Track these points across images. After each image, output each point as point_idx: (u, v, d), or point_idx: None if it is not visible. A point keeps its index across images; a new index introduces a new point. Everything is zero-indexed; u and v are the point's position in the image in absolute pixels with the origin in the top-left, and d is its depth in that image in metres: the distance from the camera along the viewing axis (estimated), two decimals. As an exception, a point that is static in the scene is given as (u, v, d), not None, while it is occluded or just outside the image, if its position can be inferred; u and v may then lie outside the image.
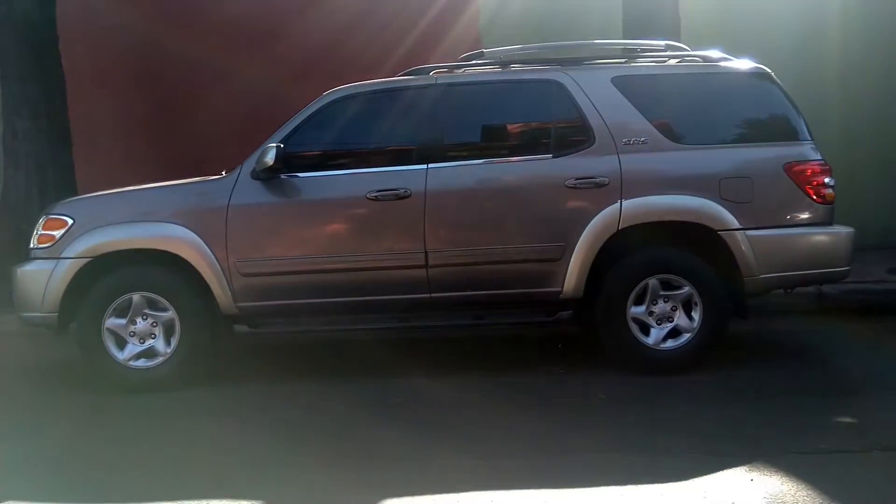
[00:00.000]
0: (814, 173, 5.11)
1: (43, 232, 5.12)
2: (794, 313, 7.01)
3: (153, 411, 4.70)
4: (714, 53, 5.48)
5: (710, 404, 4.47)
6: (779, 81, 5.32)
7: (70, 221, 5.09)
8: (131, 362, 5.05)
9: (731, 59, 5.46)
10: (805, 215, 5.14)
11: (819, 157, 5.17)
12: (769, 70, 5.35)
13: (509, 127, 5.38)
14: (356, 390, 4.96)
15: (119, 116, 9.41)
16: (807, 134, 5.24)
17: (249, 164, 5.09)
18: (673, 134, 5.16)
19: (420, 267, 5.03)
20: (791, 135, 5.24)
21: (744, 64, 5.39)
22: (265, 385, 5.15)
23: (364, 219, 5.09)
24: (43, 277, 5.03)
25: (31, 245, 5.16)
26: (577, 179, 5.05)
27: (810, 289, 7.23)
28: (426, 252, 5.02)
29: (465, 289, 5.08)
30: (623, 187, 5.05)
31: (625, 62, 5.44)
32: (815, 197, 5.11)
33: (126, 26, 9.53)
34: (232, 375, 5.38)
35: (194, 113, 9.39)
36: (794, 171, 5.09)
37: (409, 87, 5.30)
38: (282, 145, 4.97)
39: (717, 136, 5.26)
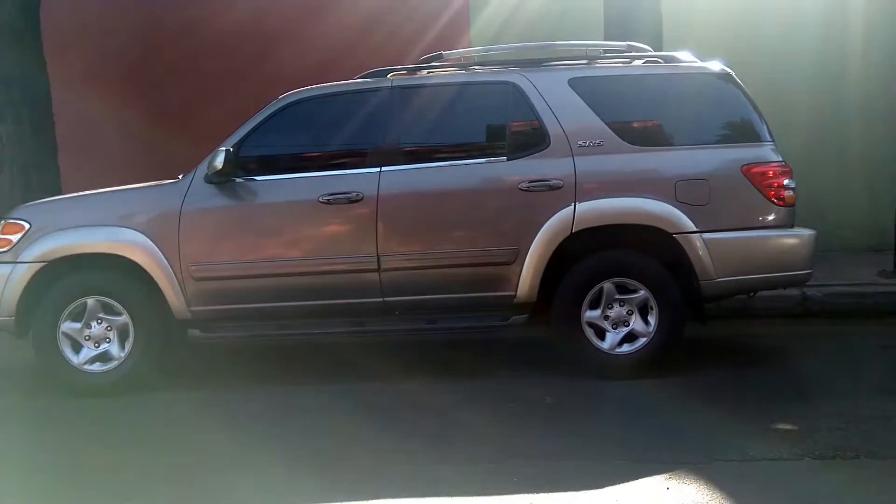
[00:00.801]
0: (772, 175, 5.01)
1: (1, 236, 5.16)
2: (779, 317, 6.91)
3: (100, 415, 4.72)
4: (681, 55, 5.40)
5: (653, 410, 4.41)
6: (740, 82, 5.23)
7: (27, 226, 5.14)
8: (86, 366, 5.08)
9: (694, 61, 5.39)
10: (764, 218, 5.05)
11: (778, 159, 5.08)
12: (731, 71, 5.26)
13: (464, 129, 5.34)
14: (303, 395, 4.93)
15: (108, 121, 9.49)
16: (767, 135, 5.15)
17: (203, 169, 5.10)
18: (629, 136, 5.09)
19: (372, 271, 5.01)
20: (751, 136, 5.16)
21: (705, 65, 5.31)
22: (215, 390, 5.16)
23: (316, 223, 5.08)
24: (0, 282, 5.07)
25: (-9, 249, 5.21)
26: (530, 182, 5.00)
27: (795, 292, 7.14)
28: (378, 256, 5.00)
29: (418, 293, 5.05)
30: (577, 190, 4.99)
31: (585, 64, 5.37)
32: (773, 199, 5.01)
33: (115, 31, 9.63)
34: (185, 380, 5.37)
35: (185, 117, 9.44)
36: (752, 174, 5.00)
37: (363, 90, 5.28)
38: (230, 149, 4.98)
39: (674, 137, 5.19)
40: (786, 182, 5.04)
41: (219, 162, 4.92)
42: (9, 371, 5.91)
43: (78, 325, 5.08)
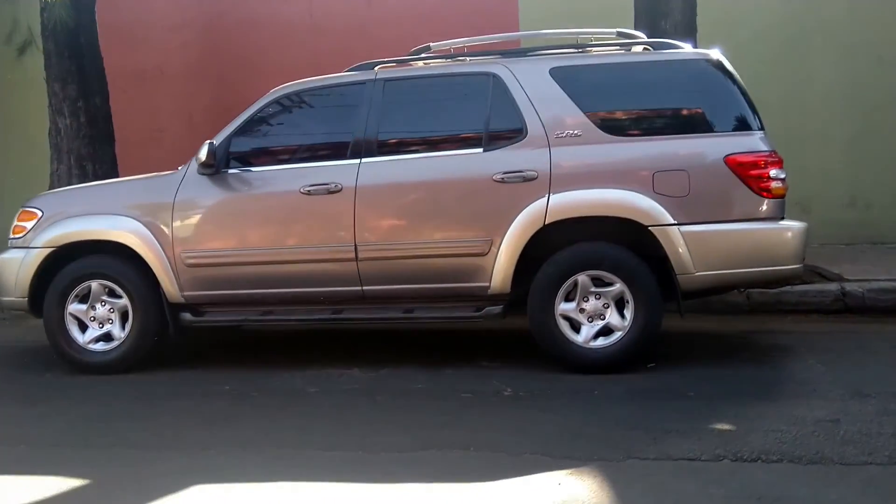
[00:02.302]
0: (758, 165, 4.82)
1: (17, 223, 5.58)
2: (814, 312, 6.65)
3: (86, 390, 5.05)
4: (674, 42, 5.26)
5: (606, 405, 4.34)
6: (730, 69, 5.05)
7: (39, 213, 5.53)
8: (90, 345, 5.43)
9: (683, 48, 5.23)
10: (748, 210, 4.86)
11: (766, 149, 4.87)
12: (720, 58, 5.07)
13: (444, 121, 5.36)
14: (274, 379, 5.10)
15: (169, 115, 9.98)
16: (755, 124, 4.95)
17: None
18: (609, 126, 5.01)
19: (350, 260, 5.12)
20: (737, 125, 4.98)
21: (692, 52, 5.16)
22: (200, 370, 5.41)
23: (298, 213, 5.24)
24: (15, 265, 5.48)
25: (10, 235, 5.62)
26: (504, 173, 4.99)
27: (833, 287, 6.83)
28: (356, 246, 5.11)
29: (394, 282, 5.14)
30: (552, 181, 4.94)
31: (570, 53, 5.30)
32: (758, 190, 4.82)
33: (179, 27, 10.11)
34: (177, 360, 5.65)
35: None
36: (735, 164, 4.82)
37: (349, 83, 5.39)
38: (214, 142, 5.20)
39: (654, 127, 5.07)
40: (772, 173, 4.83)
41: (203, 154, 5.15)
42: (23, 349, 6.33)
43: (84, 307, 5.43)
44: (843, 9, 9.07)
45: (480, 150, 5.09)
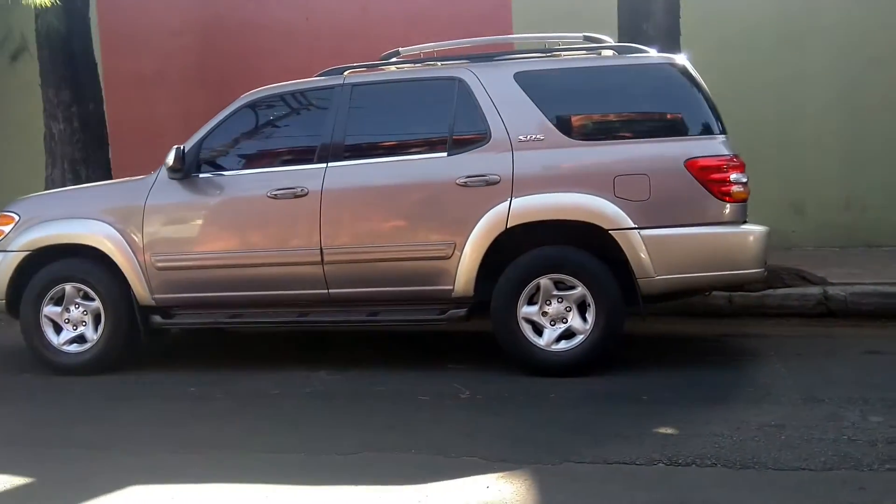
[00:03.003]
0: (718, 169, 4.81)
1: (-6, 227, 5.70)
2: (795, 316, 6.62)
3: (56, 390, 5.15)
4: (640, 46, 5.26)
5: (559, 409, 4.35)
6: (693, 73, 5.04)
7: (16, 217, 5.64)
8: (65, 346, 5.52)
9: (648, 51, 5.24)
10: (708, 214, 4.86)
11: (726, 153, 4.86)
12: (683, 62, 5.08)
13: (410, 125, 5.41)
14: (240, 380, 5.16)
15: (165, 119, 10.10)
16: (717, 128, 4.95)
17: (167, 165, 5.43)
18: (571, 130, 5.03)
19: (316, 264, 5.17)
20: (698, 129, 4.99)
21: (655, 56, 5.16)
22: (170, 372, 5.48)
23: (265, 217, 5.29)
24: (-9, 268, 5.60)
25: (-11, 239, 5.74)
26: (467, 177, 5.01)
27: (815, 290, 6.79)
28: (322, 249, 5.16)
29: (360, 286, 5.18)
30: (514, 185, 4.96)
31: (535, 57, 5.32)
32: (718, 194, 4.81)
33: (177, 33, 10.24)
34: (149, 363, 5.73)
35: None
36: (695, 168, 4.82)
37: (317, 88, 5.45)
38: (181, 147, 5.27)
39: (617, 131, 5.09)
40: (733, 177, 4.82)
41: (170, 159, 5.23)
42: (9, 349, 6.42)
43: (58, 309, 5.53)
44: (837, 9, 9.00)
45: (445, 154, 5.13)
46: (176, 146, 5.27)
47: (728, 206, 4.83)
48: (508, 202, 4.95)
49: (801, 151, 9.19)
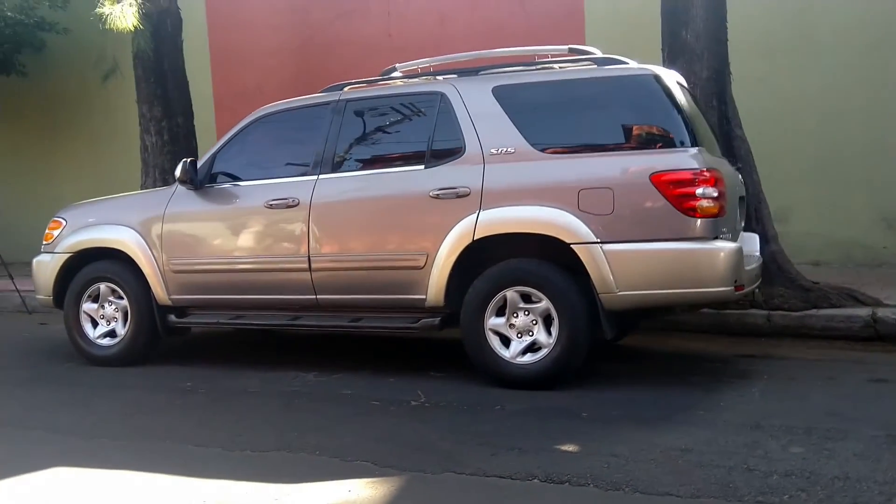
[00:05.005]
0: (683, 183, 4.66)
1: (48, 231, 6.40)
2: (840, 339, 6.26)
3: (76, 380, 5.72)
4: (622, 58, 5.19)
5: (486, 419, 4.39)
6: (668, 85, 4.91)
7: (64, 222, 6.31)
8: (99, 340, 6.13)
9: (627, 63, 5.15)
10: (673, 229, 4.70)
11: (695, 166, 4.69)
12: (659, 74, 4.95)
13: (395, 139, 5.59)
14: (233, 378, 5.52)
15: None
16: (689, 140, 4.79)
17: (184, 177, 5.91)
18: (542, 143, 5.03)
19: (304, 270, 5.47)
20: (668, 142, 4.84)
21: (631, 68, 5.07)
22: (175, 368, 5.93)
23: (263, 225, 5.64)
24: (44, 268, 6.31)
25: (43, 241, 6.45)
26: (440, 190, 5.13)
27: (864, 312, 6.36)
28: (309, 257, 5.44)
29: (343, 292, 5.43)
30: (483, 198, 5.03)
31: (517, 71, 5.35)
32: (684, 209, 4.66)
33: (275, 51, 10.92)
34: (166, 357, 6.23)
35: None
36: (661, 182, 4.69)
37: (317, 104, 5.75)
38: (188, 160, 5.72)
39: (586, 144, 5.02)
40: (699, 191, 4.65)
41: (178, 171, 5.71)
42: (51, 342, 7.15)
43: (95, 306, 6.15)
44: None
45: (422, 167, 5.27)
46: (183, 160, 5.73)
47: (694, 220, 4.66)
48: (476, 215, 5.02)
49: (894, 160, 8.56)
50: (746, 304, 6.66)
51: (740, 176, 5.81)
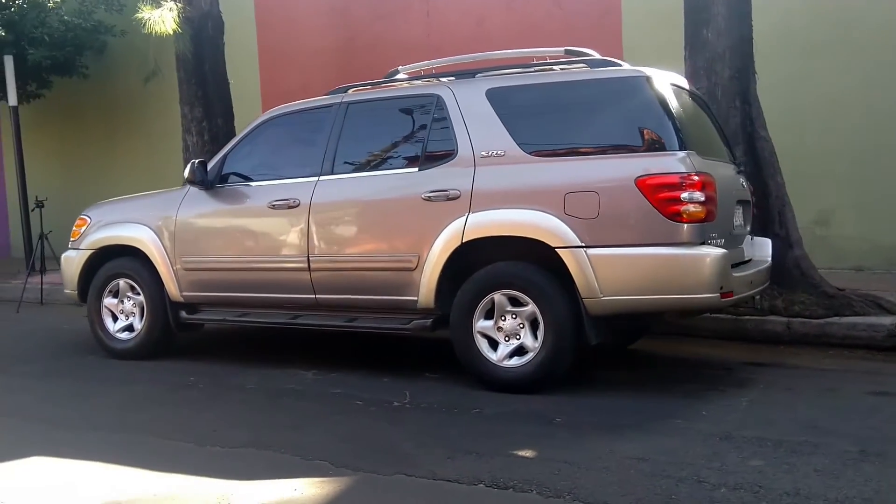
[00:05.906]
0: (667, 187, 4.57)
1: (75, 228, 6.68)
2: (861, 348, 6.08)
3: (93, 372, 5.96)
4: (620, 63, 5.13)
5: (457, 422, 4.41)
6: (658, 89, 4.82)
7: (89, 220, 6.58)
8: (118, 334, 6.38)
9: (619, 65, 5.08)
10: (659, 234, 4.62)
11: (682, 170, 4.60)
12: (650, 76, 4.86)
13: (392, 141, 5.62)
14: (234, 374, 5.67)
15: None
16: (676, 144, 4.69)
17: (196, 177, 6.09)
18: (531, 146, 5.00)
19: (304, 270, 5.57)
20: (657, 145, 4.74)
21: (623, 71, 4.99)
22: (181, 363, 6.12)
23: (266, 225, 5.77)
24: (70, 263, 6.59)
25: (70, 238, 6.73)
26: (431, 192, 5.16)
27: (887, 321, 6.13)
28: (308, 257, 5.55)
29: (340, 292, 5.51)
30: (472, 201, 5.04)
31: (512, 73, 5.33)
32: (667, 213, 4.57)
33: (320, 51, 11.11)
34: (198, 353, 6.43)
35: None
36: (646, 186, 4.62)
37: (322, 107, 5.84)
38: (196, 161, 5.90)
39: (575, 147, 4.96)
40: (685, 195, 4.55)
41: (186, 172, 5.89)
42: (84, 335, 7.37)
43: (115, 301, 6.39)
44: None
45: (416, 169, 5.30)
46: (192, 161, 5.90)
47: (680, 225, 4.57)
48: (465, 217, 5.03)
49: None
50: (766, 311, 6.49)
51: (742, 178, 5.65)
